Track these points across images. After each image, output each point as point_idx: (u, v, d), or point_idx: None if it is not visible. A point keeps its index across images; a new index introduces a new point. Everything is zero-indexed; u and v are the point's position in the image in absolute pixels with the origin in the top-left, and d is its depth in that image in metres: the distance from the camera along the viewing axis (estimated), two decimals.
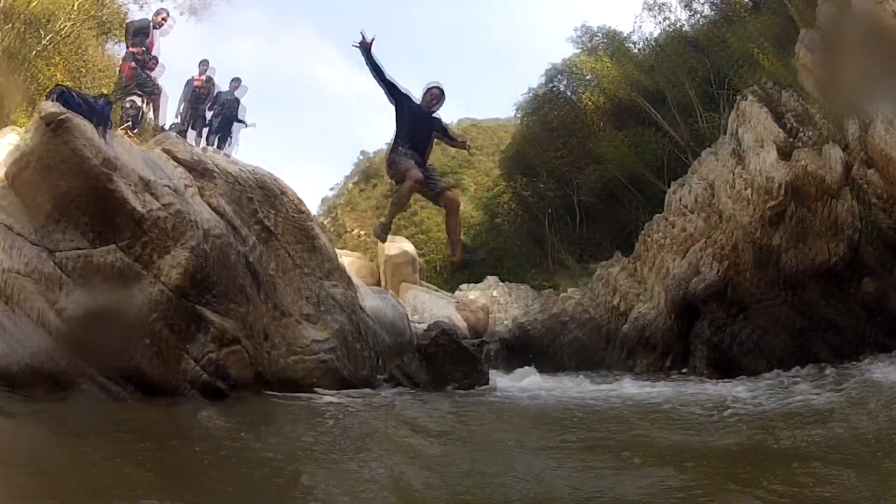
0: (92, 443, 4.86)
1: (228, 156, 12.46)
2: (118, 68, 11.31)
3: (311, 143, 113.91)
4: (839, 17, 11.70)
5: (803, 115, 12.44)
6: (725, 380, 9.83)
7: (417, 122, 6.54)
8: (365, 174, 65.13)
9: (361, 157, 67.25)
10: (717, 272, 12.20)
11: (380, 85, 6.42)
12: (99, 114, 7.79)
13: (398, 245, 31.24)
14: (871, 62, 10.41)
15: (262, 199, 10.56)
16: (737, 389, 8.36)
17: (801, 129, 12.18)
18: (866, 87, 10.57)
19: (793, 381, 8.60)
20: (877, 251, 9.95)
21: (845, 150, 10.89)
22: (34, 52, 16.48)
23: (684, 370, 12.25)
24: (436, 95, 6.68)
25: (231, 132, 13.46)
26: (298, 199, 11.44)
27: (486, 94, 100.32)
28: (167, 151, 9.60)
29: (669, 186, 16.78)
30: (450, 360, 10.79)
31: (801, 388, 7.82)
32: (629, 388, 9.86)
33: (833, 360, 9.50)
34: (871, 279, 9.87)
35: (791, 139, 12.11)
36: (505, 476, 4.40)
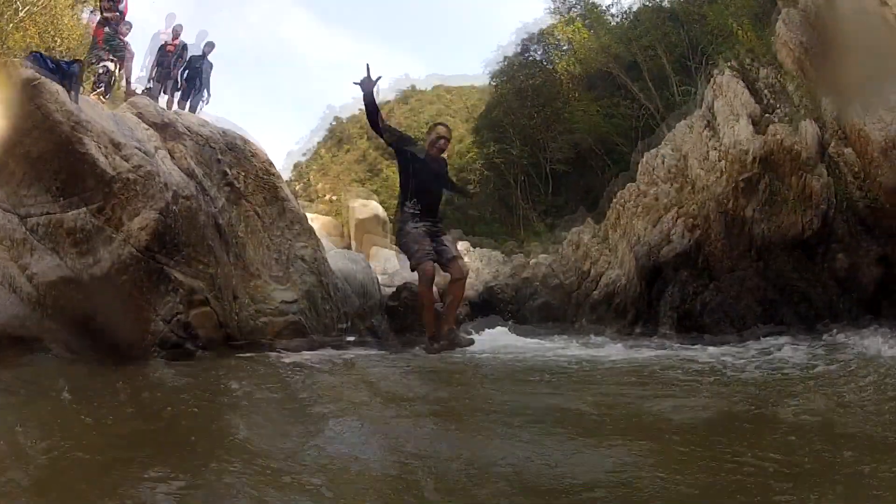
0: (54, 404, 4.69)
1: (194, 111, 12.37)
2: (92, 34, 11.23)
3: (282, 105, 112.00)
4: None
5: (780, 91, 12.37)
6: (711, 345, 9.74)
7: (423, 173, 6.00)
8: (337, 139, 64.37)
9: (335, 123, 66.27)
10: (688, 240, 12.18)
11: (377, 132, 5.91)
12: (70, 77, 7.76)
13: (367, 207, 31.12)
14: (852, 43, 10.33)
15: (232, 160, 10.47)
16: (723, 355, 8.30)
17: (776, 105, 12.11)
18: (847, 66, 10.48)
19: (777, 348, 8.56)
20: (850, 226, 9.95)
21: (821, 127, 10.83)
22: (11, 24, 16.10)
23: (654, 336, 12.26)
24: (442, 140, 6.13)
25: (197, 91, 13.34)
26: (268, 160, 11.35)
27: (455, 52, 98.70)
28: (138, 114, 9.50)
29: (642, 155, 16.72)
30: (417, 320, 10.69)
31: (788, 357, 7.77)
32: (609, 350, 9.78)
33: (806, 331, 9.53)
34: (844, 253, 9.88)
35: (766, 113, 12.05)
36: (471, 446, 4.25)
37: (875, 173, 9.66)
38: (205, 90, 13.49)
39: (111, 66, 10.14)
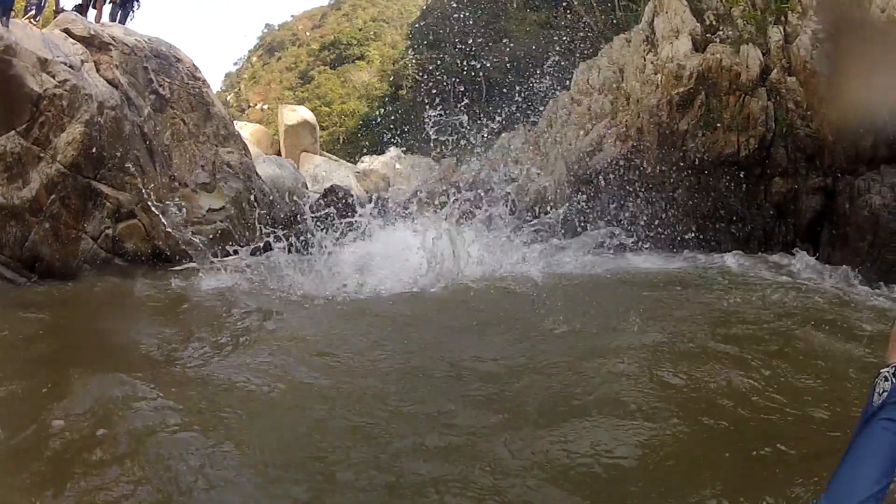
0: None
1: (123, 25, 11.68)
2: None
3: (221, 26, 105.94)
4: None
5: (724, 15, 11.90)
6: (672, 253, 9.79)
7: None
8: (267, 47, 61.74)
9: (266, 31, 63.22)
10: (620, 150, 11.89)
11: None
12: (3, 4, 7.72)
13: (296, 113, 29.94)
14: None
15: (158, 67, 10.16)
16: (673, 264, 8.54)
17: (720, 28, 11.66)
18: None
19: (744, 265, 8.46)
20: (789, 153, 9.76)
21: (765, 54, 10.54)
22: None
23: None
24: None
25: (129, 5, 12.28)
26: (194, 66, 10.97)
27: None
28: (65, 30, 9.28)
29: (577, 66, 16.23)
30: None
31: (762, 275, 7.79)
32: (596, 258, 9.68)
33: (748, 251, 9.35)
34: (783, 180, 9.73)
35: (708, 35, 11.62)
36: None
37: (819, 106, 9.47)
38: (135, 2, 12.41)
39: None
